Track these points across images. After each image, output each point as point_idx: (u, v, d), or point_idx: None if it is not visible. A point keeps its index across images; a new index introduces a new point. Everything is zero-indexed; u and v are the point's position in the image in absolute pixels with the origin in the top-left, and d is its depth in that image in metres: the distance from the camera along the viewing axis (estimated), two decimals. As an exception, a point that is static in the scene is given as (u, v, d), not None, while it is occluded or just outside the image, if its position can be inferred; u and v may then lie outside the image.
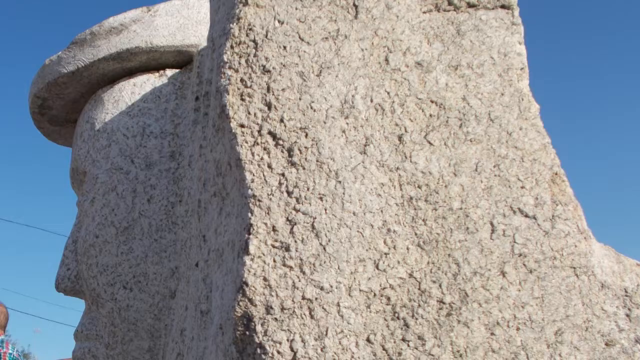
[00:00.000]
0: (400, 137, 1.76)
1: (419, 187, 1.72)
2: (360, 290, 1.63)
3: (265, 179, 1.71)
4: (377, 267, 1.65)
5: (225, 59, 1.83)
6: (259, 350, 1.61)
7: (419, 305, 1.63)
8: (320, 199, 1.68)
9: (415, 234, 1.69)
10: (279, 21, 1.84)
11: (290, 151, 1.72)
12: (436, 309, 1.63)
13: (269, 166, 1.72)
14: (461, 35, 1.87)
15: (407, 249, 1.68)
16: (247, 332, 1.63)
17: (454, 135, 1.77)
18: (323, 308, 1.61)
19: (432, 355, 1.60)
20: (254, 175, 1.71)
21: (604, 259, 1.77)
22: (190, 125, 2.51)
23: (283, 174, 1.71)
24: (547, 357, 1.62)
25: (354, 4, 1.86)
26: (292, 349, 1.59)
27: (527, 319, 1.64)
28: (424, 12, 1.90)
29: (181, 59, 2.69)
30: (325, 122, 1.75)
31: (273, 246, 1.66)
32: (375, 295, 1.64)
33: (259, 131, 1.75)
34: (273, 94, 1.77)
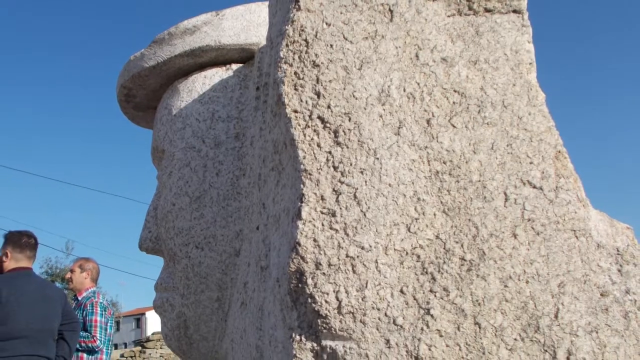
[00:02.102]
0: (428, 121, 1.78)
1: (444, 162, 1.74)
2: (394, 250, 1.66)
3: (315, 156, 1.73)
4: (409, 230, 1.67)
5: (282, 55, 1.85)
6: (309, 300, 1.64)
7: (444, 262, 1.65)
8: (361, 172, 1.70)
9: (441, 202, 1.71)
10: (326, 23, 1.85)
11: (336, 132, 1.74)
12: (458, 265, 1.65)
13: (318, 145, 1.74)
14: (479, 35, 1.88)
15: (434, 214, 1.70)
16: (300, 285, 1.66)
17: (474, 119, 1.79)
18: (363, 264, 1.63)
19: (455, 304, 1.62)
20: (305, 152, 1.74)
21: (600, 223, 1.78)
22: (252, 111, 2.53)
23: (330, 152, 1.73)
24: (551, 306, 1.63)
25: (390, 9, 1.87)
26: (337, 299, 1.62)
27: (535, 273, 1.65)
28: (448, 16, 1.91)
29: (244, 55, 2.71)
30: (365, 108, 1.77)
31: (321, 212, 1.68)
32: (407, 253, 1.66)
33: (309, 116, 1.77)
34: (321, 85, 1.79)
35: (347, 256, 1.64)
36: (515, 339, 1.60)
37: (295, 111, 1.79)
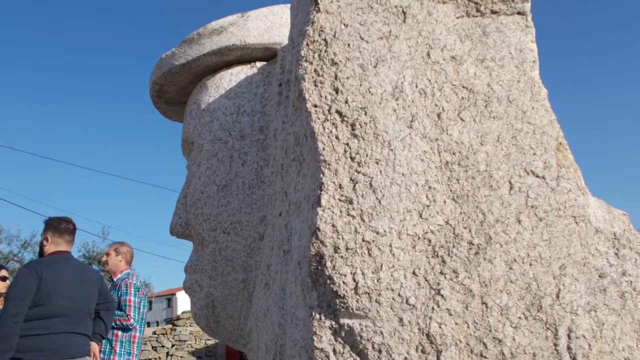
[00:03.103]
0: (439, 115, 1.79)
1: (454, 154, 1.75)
2: (407, 234, 1.67)
3: (333, 147, 1.74)
4: (420, 216, 1.69)
5: (302, 54, 1.86)
6: (328, 281, 1.65)
7: (454, 246, 1.66)
8: (377, 163, 1.71)
9: (451, 190, 1.72)
10: (344, 24, 1.86)
11: (353, 126, 1.75)
12: (467, 249, 1.66)
13: (337, 137, 1.75)
14: (486, 35, 1.89)
15: (444, 202, 1.71)
16: (319, 267, 1.67)
17: (481, 113, 1.79)
18: (378, 248, 1.65)
19: (464, 285, 1.63)
20: (324, 144, 1.75)
21: (598, 210, 1.78)
22: (275, 105, 2.53)
23: (347, 144, 1.74)
24: (553, 287, 1.64)
25: (403, 11, 1.88)
26: (354, 280, 1.63)
27: (538, 256, 1.66)
28: (457, 17, 1.91)
29: (268, 54, 2.71)
30: (380, 103, 1.78)
31: (339, 200, 1.69)
32: (419, 238, 1.67)
33: (328, 110, 1.79)
34: (339, 81, 1.80)
35: (363, 240, 1.66)
36: (519, 318, 1.61)
37: (315, 106, 1.80)
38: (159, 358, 23.61)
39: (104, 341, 7.75)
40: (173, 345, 24.02)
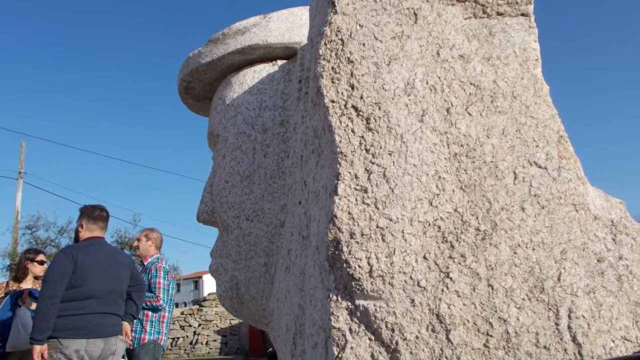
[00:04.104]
0: (448, 110, 1.80)
1: (462, 146, 1.76)
2: (418, 221, 1.68)
3: (349, 140, 1.75)
4: (431, 204, 1.70)
5: (321, 53, 1.88)
6: (345, 265, 1.67)
7: (462, 232, 1.68)
8: (390, 154, 1.73)
9: (459, 180, 1.73)
10: (359, 25, 1.87)
11: (367, 120, 1.77)
12: (474, 235, 1.67)
13: (352, 131, 1.76)
14: (492, 35, 1.89)
15: (453, 191, 1.72)
16: (336, 252, 1.69)
17: (487, 108, 1.80)
18: (391, 234, 1.66)
19: (471, 268, 1.64)
20: (341, 137, 1.76)
21: (596, 199, 1.79)
22: (295, 101, 2.54)
23: (362, 136, 1.75)
24: (554, 270, 1.65)
25: (414, 13, 1.89)
26: (369, 264, 1.65)
27: (540, 242, 1.67)
28: (465, 19, 1.92)
29: (288, 53, 2.72)
30: (393, 99, 1.79)
31: (355, 189, 1.71)
32: (429, 224, 1.68)
33: (345, 105, 1.80)
34: (355, 78, 1.81)
35: (377, 227, 1.67)
36: (523, 299, 1.62)
37: (333, 101, 1.82)
38: (187, 336, 23.73)
39: (135, 321, 7.80)
40: (200, 325, 24.13)
